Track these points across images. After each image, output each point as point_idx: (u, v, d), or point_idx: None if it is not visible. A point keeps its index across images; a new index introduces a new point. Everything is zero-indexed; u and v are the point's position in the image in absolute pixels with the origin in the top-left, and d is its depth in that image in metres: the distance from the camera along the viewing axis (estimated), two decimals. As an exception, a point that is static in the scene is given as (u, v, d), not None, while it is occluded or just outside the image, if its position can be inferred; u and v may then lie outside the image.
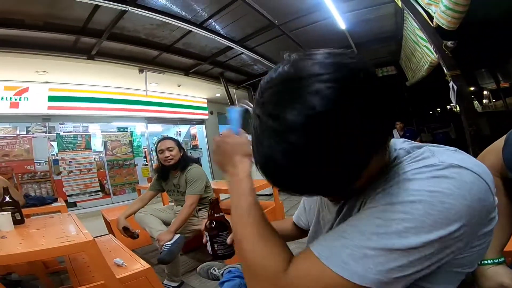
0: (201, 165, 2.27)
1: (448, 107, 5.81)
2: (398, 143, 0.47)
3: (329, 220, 0.54)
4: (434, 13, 2.21)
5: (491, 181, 0.36)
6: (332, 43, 4.67)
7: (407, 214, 0.33)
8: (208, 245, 0.72)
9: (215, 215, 0.75)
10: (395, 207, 0.34)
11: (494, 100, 7.46)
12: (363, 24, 3.99)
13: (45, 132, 4.71)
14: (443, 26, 2.17)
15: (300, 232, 0.85)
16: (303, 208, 0.79)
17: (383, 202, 0.36)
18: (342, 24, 3.81)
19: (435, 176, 0.34)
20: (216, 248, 0.71)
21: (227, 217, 0.70)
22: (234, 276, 1.10)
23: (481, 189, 0.35)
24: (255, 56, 4.67)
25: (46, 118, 4.69)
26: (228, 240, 0.69)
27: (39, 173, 4.43)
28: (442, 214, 0.32)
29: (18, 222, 1.57)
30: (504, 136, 0.57)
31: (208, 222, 0.75)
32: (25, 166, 4.31)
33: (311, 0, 3.30)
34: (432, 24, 2.34)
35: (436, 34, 2.35)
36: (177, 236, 1.83)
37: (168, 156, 2.07)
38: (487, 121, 5.27)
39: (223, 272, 1.32)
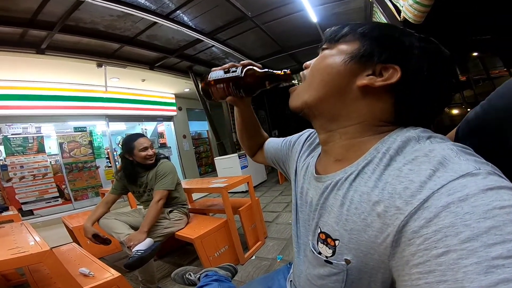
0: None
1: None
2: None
3: (312, 197, 0.55)
4: (402, 6, 2.35)
5: None
6: (305, 36, 4.85)
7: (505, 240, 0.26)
8: (223, 74, 0.68)
9: (264, 83, 0.66)
10: (481, 241, 0.26)
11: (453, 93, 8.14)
12: (334, 17, 4.17)
13: (-11, 135, 4.35)
14: (409, 20, 2.30)
15: (257, 150, 0.98)
16: (279, 147, 0.85)
17: (453, 243, 0.27)
18: (313, 17, 3.94)
19: (490, 188, 0.30)
20: (232, 88, 0.67)
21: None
22: (211, 280, 1.14)
23: None
24: (226, 49, 4.68)
25: (-11, 120, 4.32)
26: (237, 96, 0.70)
27: (-16, 180, 4.11)
28: None
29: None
30: (454, 130, 0.60)
31: (254, 71, 0.66)
32: (-33, 174, 3.97)
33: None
34: (399, 18, 2.48)
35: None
36: (149, 240, 1.80)
37: (152, 155, 2.03)
38: (447, 113, 5.76)
39: (199, 276, 1.35)
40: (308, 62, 0.57)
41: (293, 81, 0.64)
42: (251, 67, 0.66)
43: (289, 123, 6.78)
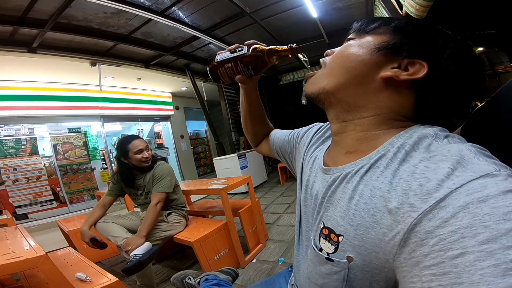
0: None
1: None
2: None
3: (317, 190, 0.54)
4: (404, 1, 2.36)
5: None
6: (305, 32, 4.84)
7: None
8: (230, 54, 0.70)
9: (271, 59, 0.68)
10: (500, 243, 0.26)
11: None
12: (334, 12, 4.17)
13: (-19, 137, 4.36)
14: (411, 14, 2.31)
15: (262, 139, 0.99)
16: (285, 139, 0.84)
17: (471, 244, 0.27)
18: (313, 12, 3.94)
19: (511, 190, 0.29)
20: (240, 66, 0.70)
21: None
22: (211, 284, 1.14)
23: None
24: (224, 46, 4.66)
25: (-20, 121, 4.33)
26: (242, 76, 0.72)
27: (-24, 184, 4.10)
28: None
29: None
30: (459, 128, 0.60)
31: (261, 48, 0.69)
32: (-42, 178, 3.96)
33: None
34: (401, 13, 2.49)
35: (405, 22, 2.52)
36: (148, 244, 1.81)
37: (148, 157, 2.04)
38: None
39: (199, 280, 1.34)
40: (330, 50, 0.57)
41: (299, 55, 0.67)
42: (257, 45, 0.69)
43: (289, 122, 6.81)
